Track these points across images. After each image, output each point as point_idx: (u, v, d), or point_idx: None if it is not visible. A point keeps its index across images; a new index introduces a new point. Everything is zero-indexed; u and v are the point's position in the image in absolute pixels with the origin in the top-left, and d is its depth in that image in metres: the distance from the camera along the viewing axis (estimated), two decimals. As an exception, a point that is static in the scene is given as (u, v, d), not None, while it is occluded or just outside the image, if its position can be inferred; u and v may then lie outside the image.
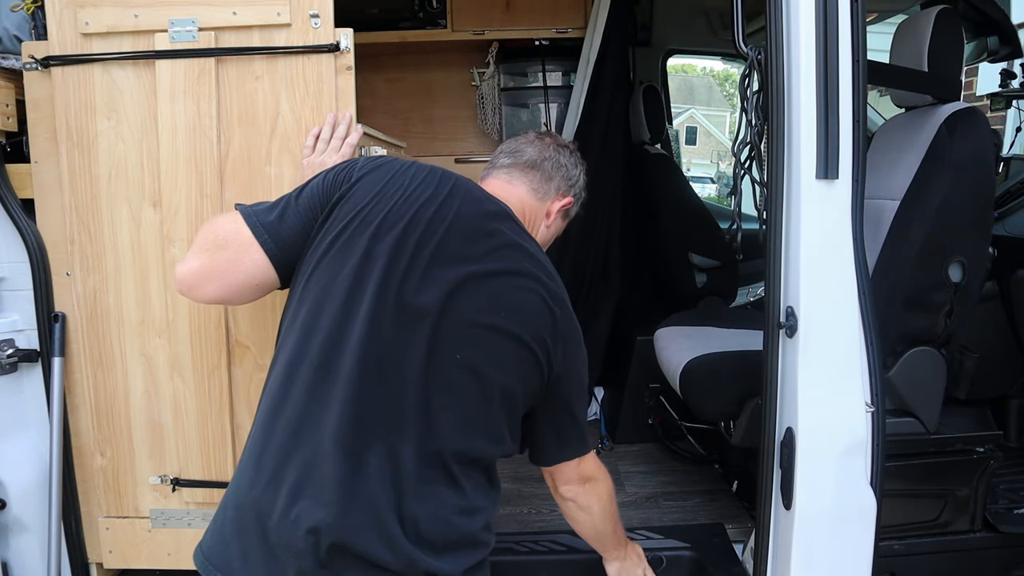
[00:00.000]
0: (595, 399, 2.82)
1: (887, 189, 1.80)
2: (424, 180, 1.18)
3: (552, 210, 1.37)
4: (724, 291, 2.99)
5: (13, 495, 1.59)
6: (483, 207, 1.21)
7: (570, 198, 1.39)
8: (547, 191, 1.36)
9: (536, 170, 1.35)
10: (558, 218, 1.39)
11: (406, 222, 1.12)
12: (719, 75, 22.12)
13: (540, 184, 1.35)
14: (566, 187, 1.39)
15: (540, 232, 1.37)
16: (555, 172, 1.37)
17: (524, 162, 1.36)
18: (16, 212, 1.58)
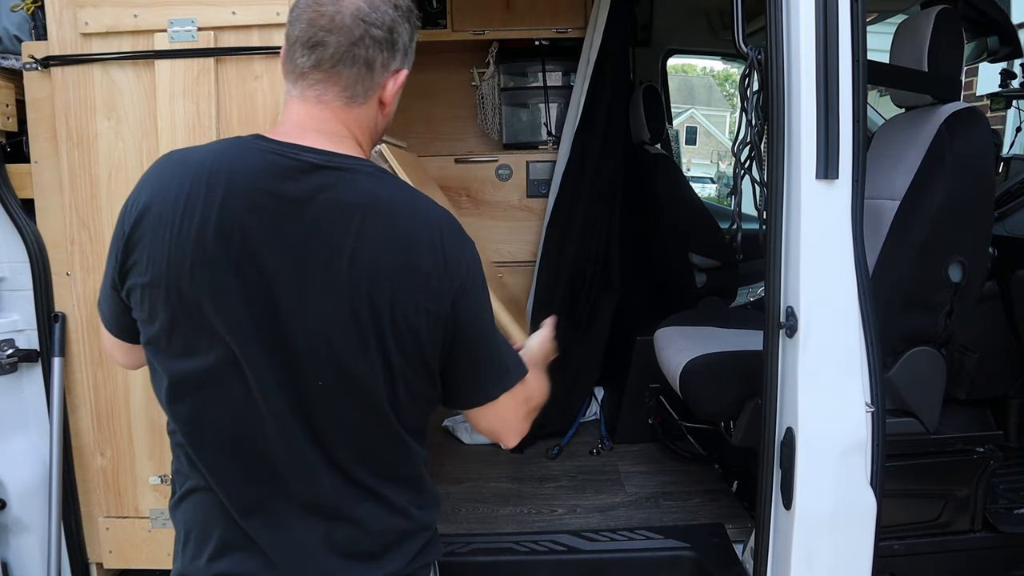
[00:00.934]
0: (595, 399, 2.82)
1: (887, 189, 1.80)
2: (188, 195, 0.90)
3: (386, 99, 1.01)
4: (724, 291, 2.99)
5: (13, 495, 1.59)
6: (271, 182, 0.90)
7: (404, 71, 1.01)
8: (370, 85, 0.97)
9: (349, 67, 0.95)
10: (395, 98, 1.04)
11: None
12: (719, 75, 22.13)
13: (358, 82, 0.96)
14: (394, 62, 0.99)
15: (378, 130, 1.05)
16: (375, 53, 0.95)
17: (330, 60, 0.94)
18: (16, 212, 1.58)
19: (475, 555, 1.83)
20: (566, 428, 2.67)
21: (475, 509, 2.14)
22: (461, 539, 1.89)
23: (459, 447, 2.63)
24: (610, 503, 2.15)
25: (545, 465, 2.45)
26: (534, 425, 2.95)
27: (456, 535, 1.93)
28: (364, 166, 0.96)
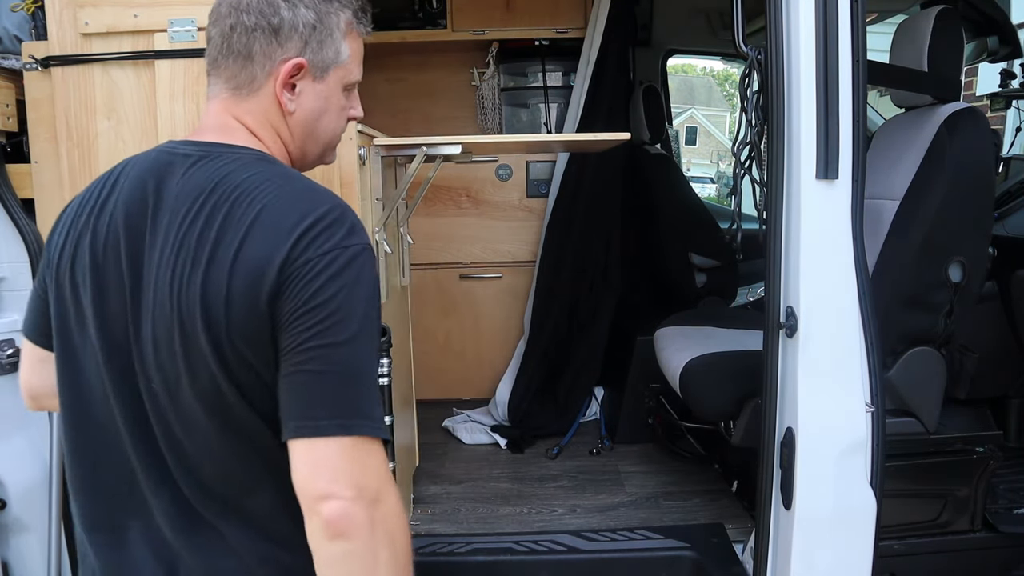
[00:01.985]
0: (595, 399, 2.82)
1: (887, 189, 1.80)
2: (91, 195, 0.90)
3: (278, 92, 0.90)
4: (724, 291, 2.99)
5: (13, 495, 1.59)
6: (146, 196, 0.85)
7: (295, 62, 0.89)
8: (252, 75, 0.89)
9: (226, 57, 0.89)
10: (305, 91, 0.92)
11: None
12: (719, 75, 22.12)
13: (239, 73, 0.89)
14: (280, 51, 0.88)
15: (280, 127, 0.93)
16: (251, 42, 0.88)
17: (214, 53, 0.90)
18: (16, 212, 1.58)
19: (475, 555, 1.83)
20: (566, 428, 2.67)
21: (475, 509, 2.13)
22: (461, 539, 1.89)
23: (459, 447, 2.63)
24: (610, 503, 2.15)
25: (545, 465, 2.45)
26: (534, 425, 2.97)
27: (456, 535, 1.93)
28: (235, 151, 0.86)
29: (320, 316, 0.76)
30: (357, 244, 0.80)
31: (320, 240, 0.78)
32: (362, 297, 0.78)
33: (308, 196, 0.83)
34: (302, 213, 0.80)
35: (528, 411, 2.72)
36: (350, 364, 0.77)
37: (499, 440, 2.62)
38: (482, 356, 3.07)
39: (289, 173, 0.87)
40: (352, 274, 0.78)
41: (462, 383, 3.07)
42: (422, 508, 2.13)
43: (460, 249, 3.05)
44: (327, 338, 0.76)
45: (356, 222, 0.83)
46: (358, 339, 0.77)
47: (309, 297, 0.76)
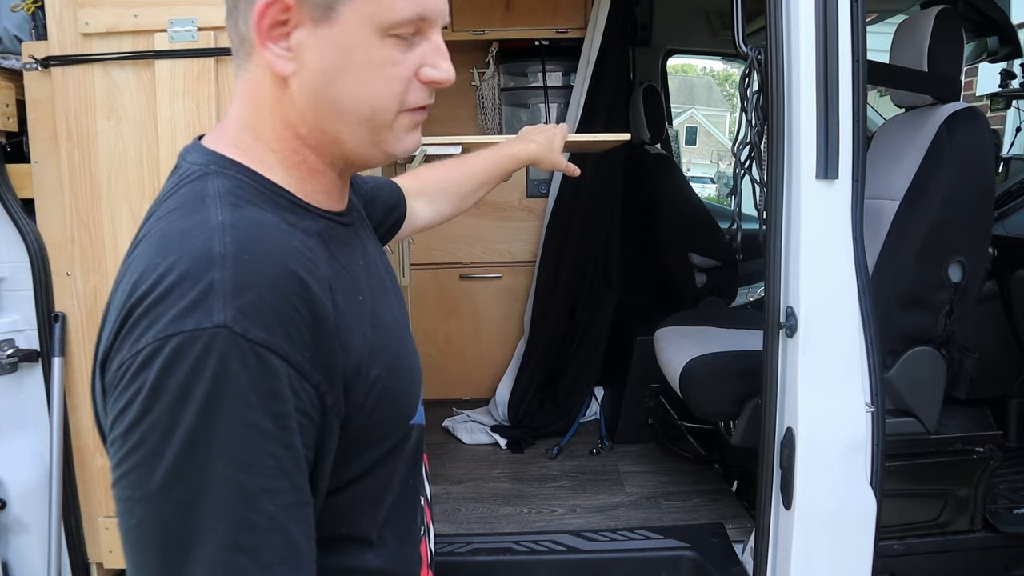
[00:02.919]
0: (595, 399, 2.82)
1: (887, 189, 1.80)
2: None
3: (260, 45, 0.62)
4: (724, 291, 2.99)
5: (13, 495, 1.59)
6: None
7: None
8: (242, 36, 0.64)
9: (228, 22, 0.66)
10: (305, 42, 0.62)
11: None
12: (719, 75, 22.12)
13: (233, 39, 0.66)
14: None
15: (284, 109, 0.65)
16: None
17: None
18: (16, 212, 1.58)
19: (475, 555, 1.83)
20: (566, 428, 2.67)
21: (475, 509, 2.14)
22: (461, 539, 1.89)
23: (459, 447, 2.63)
24: (610, 503, 2.15)
25: (545, 465, 2.45)
26: (534, 425, 2.97)
27: (456, 535, 1.93)
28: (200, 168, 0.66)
29: (121, 453, 0.53)
30: (189, 331, 0.51)
31: (140, 328, 0.53)
32: (184, 424, 0.51)
33: (167, 244, 0.57)
34: (144, 274, 0.55)
35: (528, 411, 2.72)
36: (157, 527, 0.53)
37: (499, 440, 2.62)
38: (482, 356, 3.07)
39: (192, 197, 0.62)
40: (171, 387, 0.51)
41: (462, 383, 3.07)
42: (422, 508, 2.13)
43: (460, 249, 3.05)
44: (127, 488, 0.53)
45: (217, 283, 0.53)
46: (170, 490, 0.51)
47: (113, 420, 0.54)
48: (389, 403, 0.66)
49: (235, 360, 0.51)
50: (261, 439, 0.52)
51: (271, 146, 0.66)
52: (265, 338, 0.53)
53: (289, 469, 0.54)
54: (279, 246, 0.58)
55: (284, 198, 0.65)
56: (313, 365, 0.56)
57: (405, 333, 0.76)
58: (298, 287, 0.56)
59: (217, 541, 0.51)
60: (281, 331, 0.54)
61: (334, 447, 0.61)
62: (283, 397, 0.54)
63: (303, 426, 0.55)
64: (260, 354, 0.52)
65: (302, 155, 0.66)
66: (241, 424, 0.52)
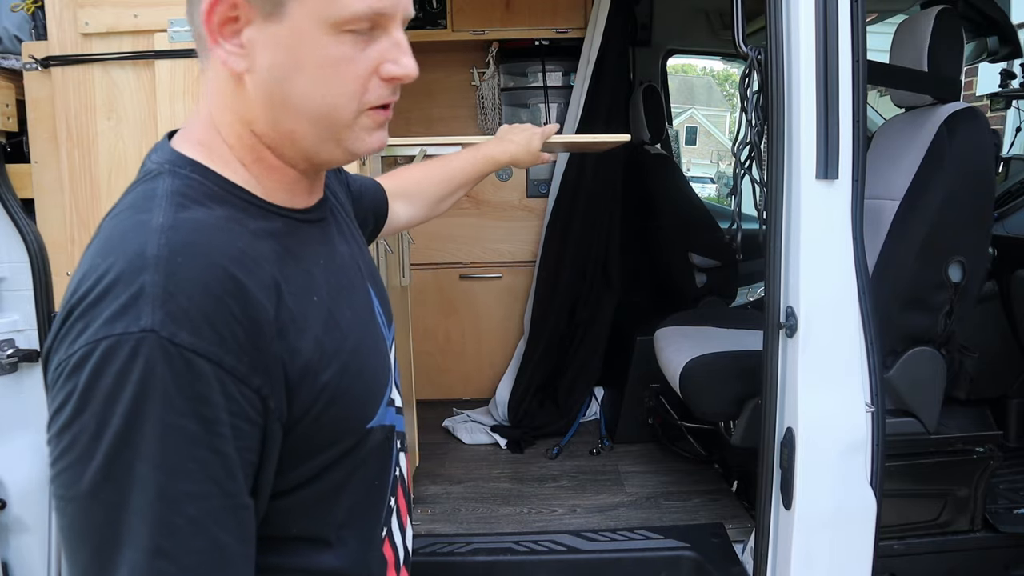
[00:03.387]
0: (595, 399, 2.82)
1: (887, 189, 1.80)
2: None
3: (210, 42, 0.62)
4: (724, 291, 2.99)
5: (13, 495, 1.59)
6: None
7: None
8: (197, 31, 0.64)
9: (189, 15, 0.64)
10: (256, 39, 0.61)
11: None
12: (719, 75, 22.13)
13: (193, 36, 0.65)
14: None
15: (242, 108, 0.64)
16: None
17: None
18: (16, 212, 1.58)
19: (475, 555, 1.83)
20: (566, 428, 2.67)
21: (475, 509, 2.14)
22: (461, 539, 1.89)
23: (459, 447, 2.63)
24: (610, 503, 2.15)
25: (545, 465, 2.45)
26: (534, 425, 2.96)
27: (456, 535, 1.93)
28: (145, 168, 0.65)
29: (55, 453, 0.53)
30: (118, 334, 0.52)
31: (76, 329, 0.54)
32: (109, 427, 0.51)
33: (108, 245, 0.58)
34: (78, 281, 0.56)
35: (528, 411, 2.72)
36: (84, 528, 0.53)
37: (499, 440, 2.62)
38: (482, 356, 3.07)
39: (141, 197, 0.61)
40: (100, 390, 0.51)
41: (462, 383, 3.07)
42: (422, 508, 2.13)
43: (460, 249, 3.05)
44: (59, 488, 0.53)
45: (148, 287, 0.53)
46: (98, 492, 0.52)
47: (49, 420, 0.54)
48: (342, 406, 0.65)
49: (160, 364, 0.52)
50: (186, 443, 0.52)
51: (229, 143, 0.65)
52: (193, 342, 0.53)
53: (216, 474, 0.54)
54: (217, 248, 0.57)
55: (238, 197, 0.64)
56: (252, 368, 0.56)
57: (368, 333, 0.73)
58: (232, 289, 0.56)
59: (141, 544, 0.52)
60: (212, 335, 0.54)
61: (277, 450, 0.60)
62: (212, 401, 0.54)
63: (240, 430, 0.55)
64: (188, 358, 0.52)
65: (258, 152, 0.66)
66: (165, 428, 0.52)
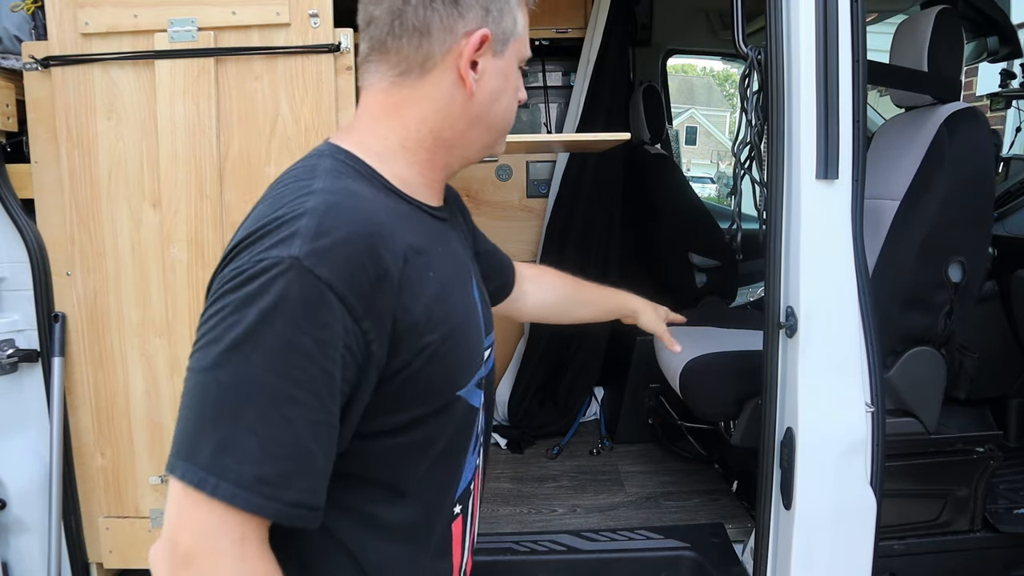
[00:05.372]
0: (595, 399, 2.82)
1: (887, 189, 1.80)
2: None
3: (463, 69, 0.78)
4: (724, 291, 2.99)
5: (13, 495, 1.59)
6: None
7: (482, 32, 0.77)
8: (428, 53, 0.78)
9: (398, 38, 0.78)
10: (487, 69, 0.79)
11: None
12: (719, 75, 22.14)
13: (413, 53, 0.78)
14: (461, 22, 0.77)
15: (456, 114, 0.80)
16: (430, 15, 0.76)
17: (379, 37, 0.79)
18: (16, 212, 1.58)
19: (475, 555, 1.82)
20: (566, 428, 2.67)
21: (475, 509, 2.13)
22: (461, 539, 1.89)
23: (459, 447, 2.63)
24: (610, 503, 2.15)
25: (545, 465, 2.45)
26: (534, 425, 2.95)
27: (456, 535, 1.93)
28: (320, 151, 0.78)
29: (198, 336, 0.65)
30: (272, 257, 0.63)
31: (240, 255, 0.66)
32: (243, 322, 0.62)
33: (277, 202, 0.70)
34: (252, 224, 0.69)
35: (528, 411, 2.72)
36: (195, 392, 0.63)
37: (499, 440, 2.62)
38: (482, 356, 3.07)
39: (306, 169, 0.75)
40: (245, 292, 0.63)
41: (462, 383, 3.07)
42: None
43: (460, 249, 3.05)
44: (192, 361, 0.65)
45: (302, 229, 0.65)
46: (218, 370, 0.62)
47: (202, 318, 0.66)
48: (438, 367, 0.74)
49: (297, 286, 0.62)
50: (299, 356, 0.62)
51: (407, 147, 0.80)
52: (328, 277, 0.63)
53: (319, 390, 0.63)
54: (363, 212, 0.70)
55: (380, 183, 0.77)
56: (366, 313, 0.66)
57: (469, 318, 0.83)
58: (368, 245, 0.67)
59: (237, 421, 0.62)
60: (344, 276, 0.64)
61: (367, 393, 0.69)
62: (330, 328, 0.63)
63: (345, 360, 0.65)
64: (320, 288, 0.63)
65: (432, 153, 0.81)
66: (286, 339, 0.62)
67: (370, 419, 0.71)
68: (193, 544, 0.62)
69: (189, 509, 0.62)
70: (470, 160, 0.86)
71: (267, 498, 0.61)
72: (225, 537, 0.62)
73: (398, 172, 0.79)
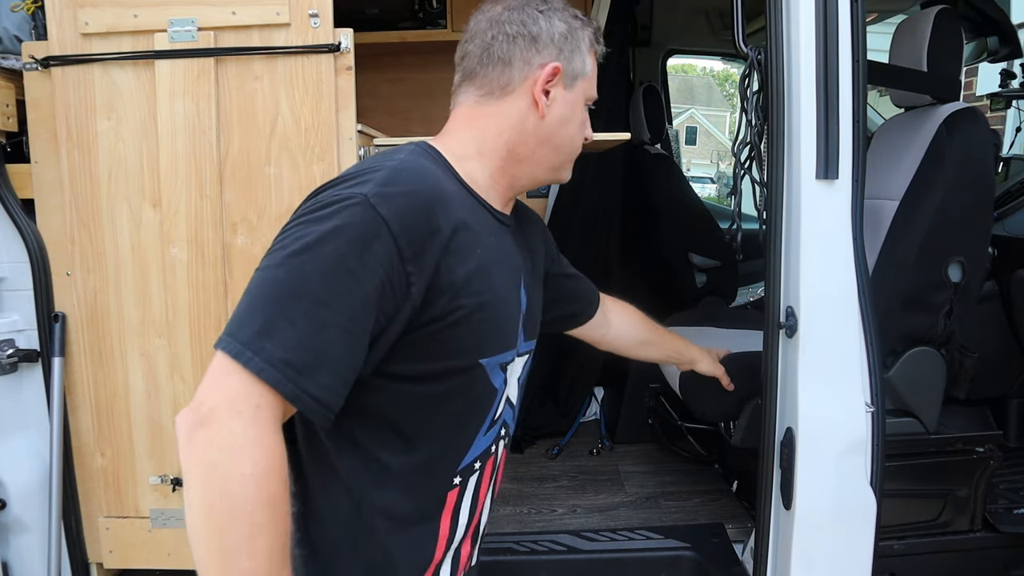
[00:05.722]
0: (595, 399, 2.82)
1: (887, 189, 1.80)
2: None
3: (537, 94, 0.96)
4: (724, 291, 2.99)
5: (13, 495, 1.59)
6: None
7: (554, 65, 0.95)
8: (509, 79, 0.96)
9: (485, 65, 0.98)
10: (557, 97, 0.97)
11: None
12: (719, 75, 22.14)
13: (496, 78, 0.97)
14: (538, 56, 0.96)
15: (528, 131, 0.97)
16: (511, 48, 0.96)
17: (470, 67, 1.00)
18: (16, 212, 1.58)
19: (475, 555, 1.83)
20: (566, 428, 2.67)
21: (475, 509, 2.13)
22: (461, 539, 1.89)
23: (459, 447, 2.63)
24: (610, 503, 2.15)
25: (545, 465, 2.45)
26: (534, 425, 2.95)
27: (456, 535, 1.93)
28: (419, 146, 0.93)
29: (272, 245, 0.78)
30: (347, 192, 0.77)
31: (325, 192, 0.80)
32: (308, 235, 0.74)
33: (361, 164, 0.87)
34: (337, 177, 0.84)
35: (528, 411, 2.72)
36: (255, 283, 0.75)
37: (499, 440, 2.61)
38: (482, 356, 3.06)
39: (408, 151, 0.90)
40: (317, 215, 0.76)
41: (462, 383, 3.06)
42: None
43: (460, 249, 3.04)
44: (262, 261, 0.77)
45: (377, 178, 0.79)
46: (278, 268, 0.74)
47: (282, 229, 0.80)
48: (468, 328, 0.84)
49: (360, 216, 0.75)
50: (346, 273, 0.74)
51: (483, 152, 0.96)
52: (388, 215, 0.76)
53: (356, 307, 0.74)
54: (431, 181, 0.85)
55: (453, 174, 0.91)
56: (412, 257, 0.77)
57: (512, 306, 0.95)
58: (428, 204, 0.80)
59: (282, 312, 0.72)
60: (401, 220, 0.77)
61: (397, 329, 0.79)
62: (378, 257, 0.75)
63: (384, 291, 0.76)
64: (378, 223, 0.75)
65: (503, 164, 0.96)
66: (338, 256, 0.74)
67: (398, 361, 0.81)
68: (216, 404, 0.70)
69: (222, 376, 0.71)
70: (537, 178, 1.00)
71: (288, 379, 0.71)
72: (246, 401, 0.70)
73: (470, 171, 0.94)
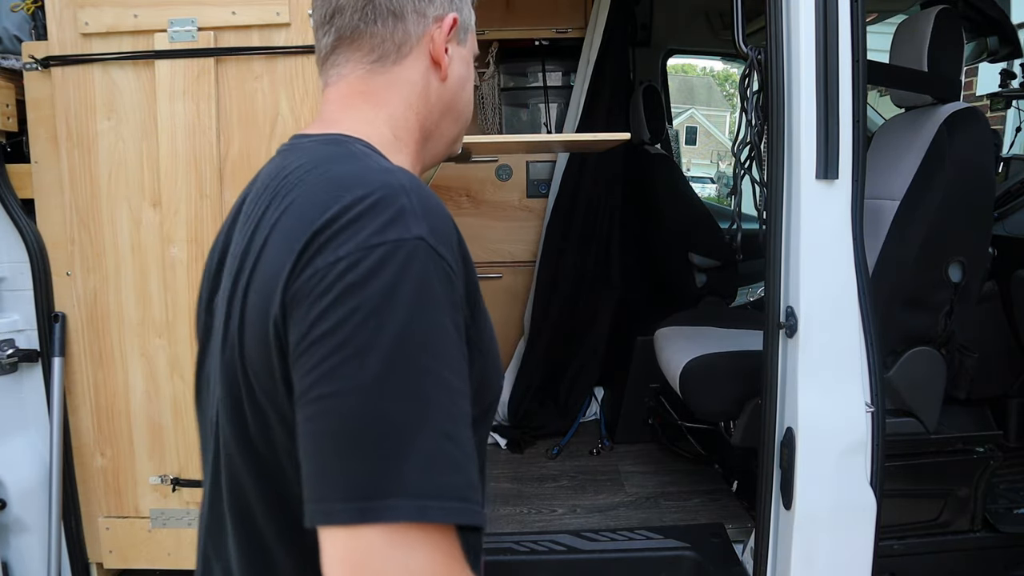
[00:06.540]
0: (595, 399, 2.82)
1: (887, 189, 1.80)
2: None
3: (436, 54, 0.76)
4: (724, 291, 2.99)
5: (13, 495, 1.59)
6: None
7: (452, 15, 0.76)
8: (404, 38, 0.75)
9: (373, 23, 0.74)
10: (455, 55, 0.78)
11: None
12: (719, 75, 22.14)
13: (388, 38, 0.74)
14: (432, 6, 0.76)
15: (433, 99, 0.77)
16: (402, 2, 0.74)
17: (349, 25, 0.75)
18: (16, 212, 1.58)
19: (475, 555, 1.83)
20: (566, 428, 2.67)
21: (475, 509, 2.13)
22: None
23: (459, 447, 2.63)
24: (610, 503, 2.15)
25: (545, 465, 2.45)
26: (534, 425, 2.96)
27: (456, 535, 1.93)
28: (316, 138, 0.71)
29: (324, 352, 0.53)
30: (393, 240, 0.55)
31: (337, 242, 0.56)
32: (394, 319, 0.53)
33: (344, 181, 0.61)
34: (325, 205, 0.58)
35: (528, 411, 2.72)
36: (371, 418, 0.52)
37: (499, 440, 2.62)
38: (482, 356, 3.06)
39: (344, 153, 0.67)
40: (378, 285, 0.54)
41: (462, 383, 3.06)
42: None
43: (460, 249, 3.05)
44: (334, 383, 0.53)
45: (408, 207, 0.57)
46: (384, 381, 0.52)
47: (311, 325, 0.54)
48: (488, 360, 0.68)
49: (432, 267, 0.56)
50: (451, 341, 0.56)
51: (399, 137, 0.75)
52: (447, 255, 0.58)
53: (464, 374, 0.57)
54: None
55: None
56: (466, 296, 0.61)
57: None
58: (455, 227, 0.62)
59: (433, 429, 0.53)
60: (455, 256, 0.60)
61: None
62: (459, 309, 0.59)
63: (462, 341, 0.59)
64: (446, 269, 0.57)
65: (418, 147, 0.77)
66: (439, 325, 0.55)
67: None
68: None
69: (405, 554, 0.50)
70: (438, 157, 0.82)
71: (477, 502, 0.53)
72: (458, 564, 0.53)
73: (400, 164, 0.72)
